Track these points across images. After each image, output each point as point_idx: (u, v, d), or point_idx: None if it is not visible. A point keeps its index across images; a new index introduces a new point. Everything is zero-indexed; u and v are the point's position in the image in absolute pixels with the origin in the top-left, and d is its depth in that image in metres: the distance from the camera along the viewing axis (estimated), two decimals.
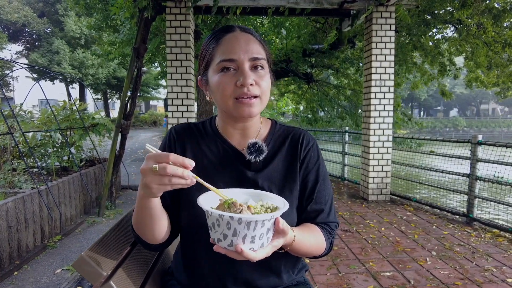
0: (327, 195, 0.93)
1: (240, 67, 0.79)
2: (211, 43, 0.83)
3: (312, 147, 0.93)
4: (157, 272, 1.05)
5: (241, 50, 0.79)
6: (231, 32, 0.82)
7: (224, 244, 0.64)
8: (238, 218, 0.60)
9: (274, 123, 0.98)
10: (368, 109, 4.45)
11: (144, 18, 4.06)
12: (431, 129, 35.28)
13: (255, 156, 0.87)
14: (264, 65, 0.82)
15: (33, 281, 2.50)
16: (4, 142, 3.74)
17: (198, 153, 0.90)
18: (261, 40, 0.84)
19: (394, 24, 4.36)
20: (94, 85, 21.36)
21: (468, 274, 2.44)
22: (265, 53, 0.84)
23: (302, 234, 0.81)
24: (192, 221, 0.86)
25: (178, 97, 4.30)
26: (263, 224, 0.62)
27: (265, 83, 0.82)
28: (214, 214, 0.62)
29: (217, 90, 0.81)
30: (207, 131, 0.94)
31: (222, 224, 0.63)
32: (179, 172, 0.61)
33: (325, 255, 0.92)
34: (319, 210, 0.91)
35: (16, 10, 19.09)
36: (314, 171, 0.92)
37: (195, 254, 0.89)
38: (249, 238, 0.62)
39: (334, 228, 0.94)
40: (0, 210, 2.55)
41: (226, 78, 0.79)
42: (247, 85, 0.78)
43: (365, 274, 2.45)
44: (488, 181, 3.57)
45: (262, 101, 0.82)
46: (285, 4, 4.37)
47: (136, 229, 0.83)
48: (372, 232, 3.35)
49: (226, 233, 0.63)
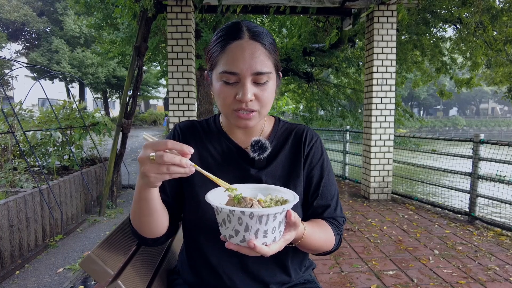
0: (333, 190, 0.92)
1: (241, 80, 0.76)
2: (217, 47, 0.79)
3: (316, 142, 0.93)
4: (164, 271, 1.05)
5: (245, 64, 0.75)
6: (238, 40, 0.76)
7: (236, 240, 0.63)
8: (249, 212, 0.59)
9: (277, 120, 0.97)
10: (370, 107, 4.44)
11: (145, 16, 4.04)
12: (430, 128, 35.31)
13: (258, 153, 0.86)
14: (269, 77, 0.78)
15: (35, 280, 2.49)
16: (5, 141, 3.73)
17: (202, 151, 0.90)
18: (270, 47, 0.79)
19: (395, 23, 4.35)
20: (93, 84, 21.34)
21: (471, 273, 2.43)
22: (272, 62, 0.80)
23: (312, 228, 0.80)
24: (197, 219, 0.85)
25: (179, 96, 4.29)
26: (275, 217, 0.61)
27: (267, 95, 0.79)
28: (225, 210, 0.61)
29: (217, 97, 0.80)
30: (211, 129, 0.94)
31: (233, 220, 0.61)
32: (176, 160, 0.60)
33: (334, 250, 0.90)
34: (325, 206, 0.90)
35: (15, 9, 19.05)
36: (319, 166, 0.91)
37: (201, 253, 0.88)
38: (262, 232, 0.61)
39: (342, 223, 0.93)
40: (1, 209, 2.54)
41: (226, 89, 0.78)
42: (246, 101, 0.76)
43: (368, 273, 2.45)
44: (490, 179, 3.56)
45: (261, 114, 0.81)
46: (286, 3, 4.36)
47: (133, 222, 0.81)
48: (374, 231, 3.34)
49: (237, 229, 0.62)
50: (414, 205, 4.32)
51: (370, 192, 4.52)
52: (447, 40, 6.69)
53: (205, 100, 9.11)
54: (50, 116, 4.37)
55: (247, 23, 0.80)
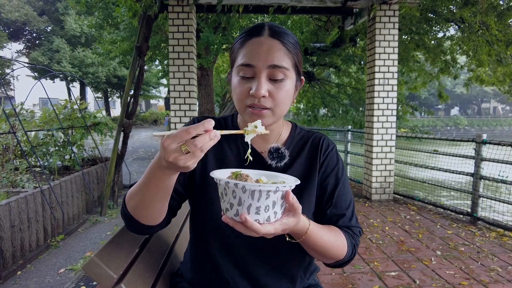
0: (348, 199, 0.90)
1: (257, 74, 0.76)
2: (237, 43, 0.81)
3: (331, 151, 0.92)
4: (167, 274, 1.04)
5: (261, 57, 0.75)
6: (258, 37, 0.78)
7: (230, 214, 0.64)
8: (242, 186, 0.61)
9: (294, 126, 0.96)
10: (372, 108, 4.43)
11: (146, 16, 4.03)
12: (432, 127, 35.21)
13: (276, 161, 0.86)
14: (286, 74, 0.78)
15: (37, 280, 2.49)
16: (6, 141, 3.73)
17: (218, 149, 0.89)
18: (290, 46, 0.78)
19: (397, 23, 4.34)
20: (94, 84, 21.36)
21: (473, 274, 2.42)
22: (292, 60, 0.79)
23: (319, 228, 0.77)
24: (208, 221, 0.85)
25: (181, 96, 4.29)
26: (268, 195, 0.62)
27: (282, 95, 0.78)
28: (221, 182, 0.64)
29: (233, 92, 0.81)
30: (229, 127, 0.93)
31: (228, 192, 0.64)
32: (206, 140, 0.59)
33: (347, 261, 0.85)
34: (340, 215, 0.87)
35: (16, 8, 19.06)
36: (334, 174, 0.90)
37: (207, 256, 0.88)
38: (254, 208, 0.62)
39: (358, 234, 0.89)
40: (3, 209, 2.54)
41: (242, 83, 0.78)
42: (258, 96, 0.76)
43: (370, 274, 2.44)
44: (493, 180, 3.55)
45: (274, 113, 0.80)
46: (288, 3, 4.35)
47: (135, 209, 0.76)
48: (376, 231, 3.34)
49: (232, 202, 0.64)
50: (416, 205, 4.31)
51: (372, 193, 4.51)
52: (449, 40, 6.65)
53: (206, 100, 9.11)
54: (51, 116, 4.37)
55: (271, 23, 0.81)
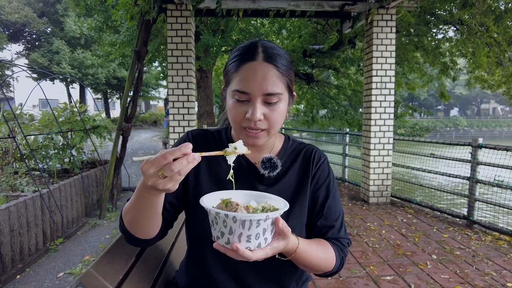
0: (338, 211, 0.93)
1: (252, 100, 0.79)
2: (232, 66, 0.82)
3: (323, 163, 0.95)
4: (162, 282, 1.06)
5: (255, 85, 0.77)
6: (252, 62, 0.79)
7: (222, 242, 0.66)
8: (232, 216, 0.62)
9: (287, 138, 0.99)
10: (369, 111, 4.46)
11: (145, 20, 4.06)
12: (431, 128, 35.19)
13: (269, 171, 0.89)
14: (280, 98, 0.80)
15: (36, 284, 2.51)
16: (6, 145, 3.75)
17: (212, 161, 0.92)
18: (283, 69, 0.80)
19: (394, 27, 4.37)
20: (94, 85, 21.37)
21: (468, 278, 2.45)
22: (285, 83, 0.81)
23: (309, 244, 0.80)
24: (202, 232, 0.87)
25: (179, 100, 4.31)
26: (258, 223, 0.63)
27: (276, 116, 0.81)
28: (212, 212, 0.65)
29: (229, 113, 0.84)
30: (223, 141, 0.96)
31: (219, 221, 0.65)
32: (184, 164, 0.61)
33: (335, 272, 0.89)
34: (329, 226, 0.91)
35: (16, 10, 19.07)
36: (325, 186, 0.93)
37: (202, 265, 0.90)
38: (245, 237, 0.63)
39: (346, 245, 0.93)
40: (2, 214, 2.56)
41: (237, 107, 0.81)
42: (254, 120, 0.78)
43: (365, 278, 2.47)
44: (489, 184, 3.58)
45: (269, 133, 0.83)
46: (286, 7, 4.38)
47: (129, 223, 0.79)
48: (373, 235, 3.36)
49: (223, 231, 0.65)
50: (413, 208, 4.34)
51: (369, 195, 4.54)
52: (448, 41, 6.68)
53: (205, 102, 9.13)
54: (51, 119, 4.39)
55: (264, 43, 0.82)
